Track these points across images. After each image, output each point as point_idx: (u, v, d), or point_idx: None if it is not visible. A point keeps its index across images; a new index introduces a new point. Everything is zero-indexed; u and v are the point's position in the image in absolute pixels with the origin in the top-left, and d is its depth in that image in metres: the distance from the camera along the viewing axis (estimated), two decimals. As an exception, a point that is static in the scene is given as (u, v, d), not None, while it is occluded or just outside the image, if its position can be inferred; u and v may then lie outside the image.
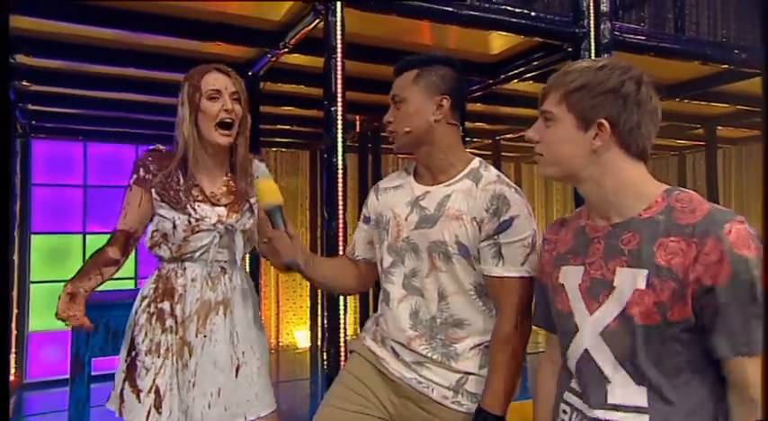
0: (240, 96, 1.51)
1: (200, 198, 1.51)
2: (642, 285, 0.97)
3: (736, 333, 0.92)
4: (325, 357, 2.43)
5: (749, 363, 0.92)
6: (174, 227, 1.48)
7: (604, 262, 1.04)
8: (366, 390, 1.41)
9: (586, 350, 1.04)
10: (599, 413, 1.02)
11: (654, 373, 0.98)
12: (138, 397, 1.46)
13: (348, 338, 2.35)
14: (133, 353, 1.50)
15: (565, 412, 1.09)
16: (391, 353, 1.39)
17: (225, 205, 1.53)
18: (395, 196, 1.45)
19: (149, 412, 1.44)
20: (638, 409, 0.99)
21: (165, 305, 1.50)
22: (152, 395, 1.45)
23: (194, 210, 1.49)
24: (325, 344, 2.42)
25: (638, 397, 0.99)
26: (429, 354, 1.34)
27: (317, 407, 1.46)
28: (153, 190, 1.49)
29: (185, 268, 1.51)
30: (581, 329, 1.05)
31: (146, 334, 1.50)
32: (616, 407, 1.00)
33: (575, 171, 1.06)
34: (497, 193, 1.31)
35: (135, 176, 1.52)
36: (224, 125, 1.48)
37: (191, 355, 1.48)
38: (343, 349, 2.32)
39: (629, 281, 0.99)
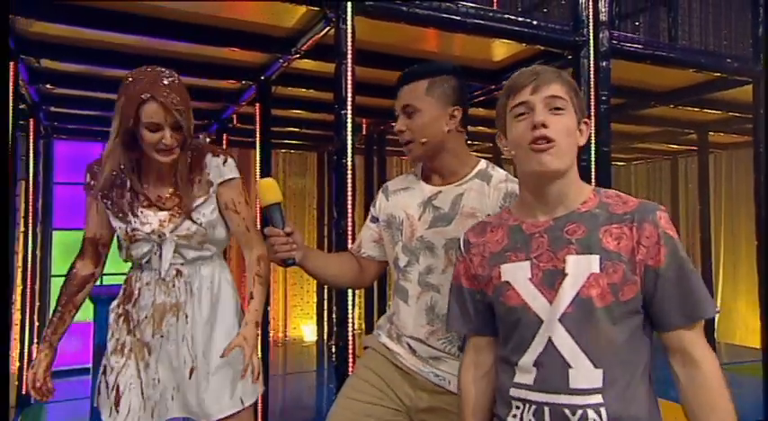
0: (182, 122, 1.38)
1: (145, 203, 1.46)
2: (596, 269, 1.02)
3: (679, 305, 1.01)
4: (333, 350, 2.43)
5: (690, 330, 1.03)
6: (119, 235, 1.48)
7: (552, 253, 1.06)
8: (381, 383, 1.41)
9: (550, 339, 1.03)
10: (561, 398, 1.01)
11: (608, 354, 1.01)
12: (107, 393, 1.47)
13: (355, 333, 2.35)
14: (106, 352, 1.52)
15: (518, 408, 1.06)
16: (407, 350, 1.39)
17: (169, 209, 1.46)
18: (406, 198, 1.45)
19: (111, 409, 1.45)
20: (596, 391, 1.00)
21: (129, 307, 1.50)
22: (113, 393, 1.45)
23: (136, 217, 1.44)
24: (334, 338, 2.41)
25: (596, 378, 1.00)
26: (447, 349, 1.34)
27: (323, 398, 1.45)
28: (100, 196, 1.46)
29: (141, 272, 1.50)
30: (545, 319, 1.04)
31: (113, 334, 1.50)
32: (577, 391, 1.00)
33: (571, 163, 1.09)
34: (510, 191, 1.33)
35: (85, 183, 1.48)
36: (163, 151, 1.39)
37: (150, 354, 1.47)
38: (351, 343, 2.31)
39: (583, 266, 1.02)
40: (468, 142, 1.49)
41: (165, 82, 1.39)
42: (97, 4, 2.52)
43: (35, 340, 4.26)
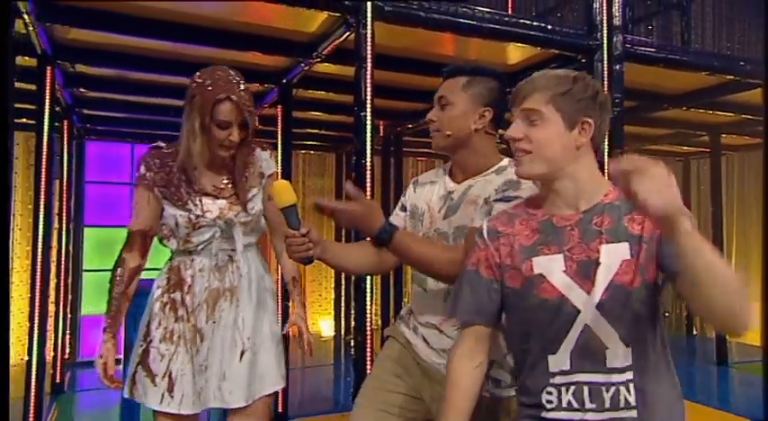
0: (248, 122, 1.46)
1: (201, 193, 1.49)
2: (627, 255, 1.04)
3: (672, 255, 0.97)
4: (351, 344, 2.44)
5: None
6: (177, 224, 1.47)
7: (585, 244, 1.08)
8: (403, 373, 1.43)
9: (587, 325, 1.05)
10: (599, 377, 1.06)
11: (637, 333, 1.05)
12: (152, 381, 1.47)
13: (372, 328, 2.36)
14: (148, 340, 1.51)
15: (550, 393, 1.08)
16: (422, 340, 1.40)
17: (227, 198, 1.50)
18: (430, 191, 1.47)
19: (163, 395, 1.45)
20: (628, 368, 1.05)
21: (177, 295, 1.50)
22: (166, 379, 1.46)
23: (195, 205, 1.47)
24: (353, 332, 2.43)
25: (628, 357, 1.05)
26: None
27: (341, 390, 1.47)
28: (156, 187, 1.48)
29: (193, 259, 1.51)
30: (582, 309, 1.06)
31: (159, 322, 1.50)
32: (613, 370, 1.05)
33: (560, 166, 1.10)
34: (511, 179, 1.31)
35: (137, 175, 1.50)
36: (227, 147, 1.47)
37: (202, 341, 1.48)
38: (369, 337, 2.33)
39: (615, 253, 1.05)
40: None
41: (238, 84, 1.46)
42: (128, 10, 2.57)
43: (68, 331, 4.35)
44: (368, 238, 1.36)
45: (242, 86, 1.46)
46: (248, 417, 1.51)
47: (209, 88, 1.43)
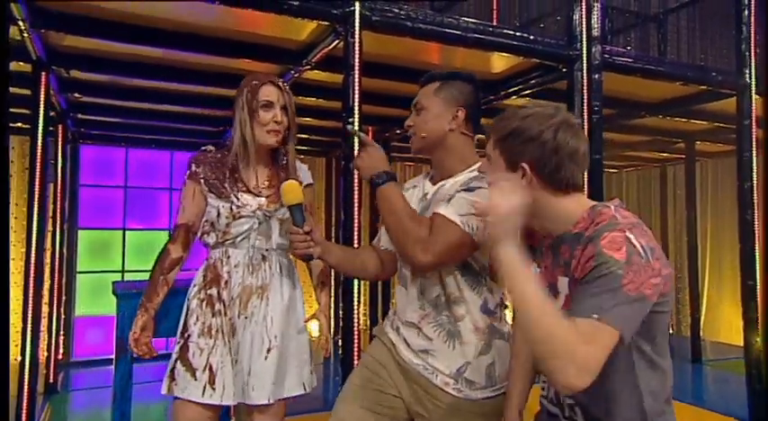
0: (288, 108, 1.55)
1: (243, 189, 1.53)
2: (566, 290, 1.04)
3: (576, 305, 0.94)
4: (340, 344, 2.44)
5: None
6: (219, 214, 1.50)
7: (551, 269, 1.09)
8: (384, 371, 1.42)
9: None
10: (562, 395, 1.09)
11: None
12: (193, 375, 1.47)
13: (360, 328, 2.35)
14: (186, 336, 1.51)
15: (545, 381, 1.15)
16: (402, 341, 1.40)
17: (266, 196, 1.54)
18: (412, 194, 1.48)
19: (204, 388, 1.46)
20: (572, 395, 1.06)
21: (213, 291, 1.51)
22: (206, 372, 1.46)
23: (237, 198, 1.51)
24: (341, 332, 2.42)
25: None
26: (436, 334, 1.34)
27: (330, 388, 1.47)
28: (202, 181, 1.52)
29: (229, 256, 1.52)
30: None
31: (197, 318, 1.51)
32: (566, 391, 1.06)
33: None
34: (476, 176, 1.31)
35: (188, 172, 1.55)
36: (274, 131, 1.53)
37: (234, 335, 1.49)
38: (356, 337, 2.32)
39: (563, 287, 1.05)
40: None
41: (277, 78, 1.58)
42: (122, 18, 2.55)
43: (62, 332, 4.29)
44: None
45: (282, 81, 1.58)
46: (267, 415, 1.52)
47: (254, 79, 1.55)
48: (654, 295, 0.94)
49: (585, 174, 2.25)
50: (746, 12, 3.40)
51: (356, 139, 1.42)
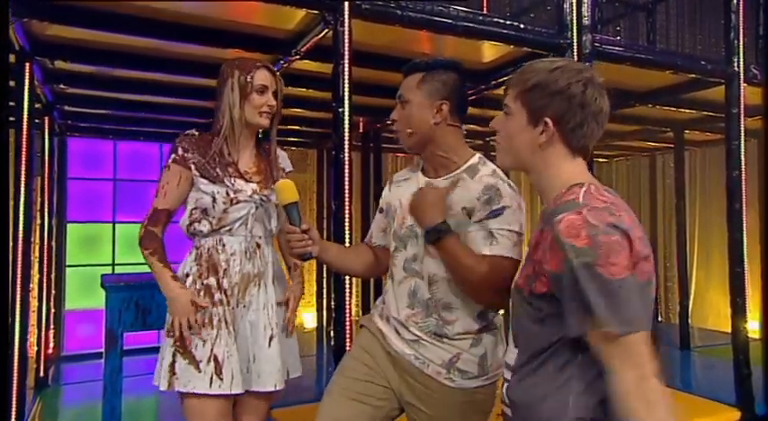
0: (279, 95, 1.56)
1: (235, 174, 1.51)
2: (523, 261, 1.06)
3: (575, 318, 0.89)
4: (332, 335, 2.43)
5: (596, 345, 0.88)
6: (214, 200, 1.47)
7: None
8: (372, 362, 1.41)
9: (512, 314, 1.09)
10: (504, 368, 1.09)
11: (523, 339, 1.02)
12: (197, 367, 1.43)
13: (352, 319, 2.34)
14: (182, 328, 1.48)
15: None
16: (393, 331, 1.39)
17: (257, 182, 1.53)
18: (403, 187, 1.46)
19: (212, 379, 1.42)
20: (510, 367, 1.05)
21: (212, 280, 1.48)
22: (212, 363, 1.43)
23: (232, 183, 1.49)
24: (332, 323, 2.41)
25: (512, 356, 1.04)
26: (423, 333, 1.33)
27: (323, 380, 1.46)
28: (193, 166, 1.49)
29: (224, 244, 1.50)
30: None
31: (196, 309, 1.47)
32: (505, 364, 1.08)
33: (523, 161, 1.07)
34: (490, 185, 1.30)
35: (174, 156, 1.50)
36: (266, 113, 1.53)
37: (233, 324, 1.48)
38: (348, 328, 2.31)
39: (524, 257, 1.06)
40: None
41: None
42: (107, 7, 2.50)
43: (52, 326, 4.25)
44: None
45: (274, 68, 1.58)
46: (268, 401, 1.54)
47: (247, 61, 1.54)
48: (643, 273, 0.88)
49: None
50: (735, 0, 3.40)
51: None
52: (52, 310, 4.29)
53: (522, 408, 0.99)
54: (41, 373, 3.90)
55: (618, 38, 3.82)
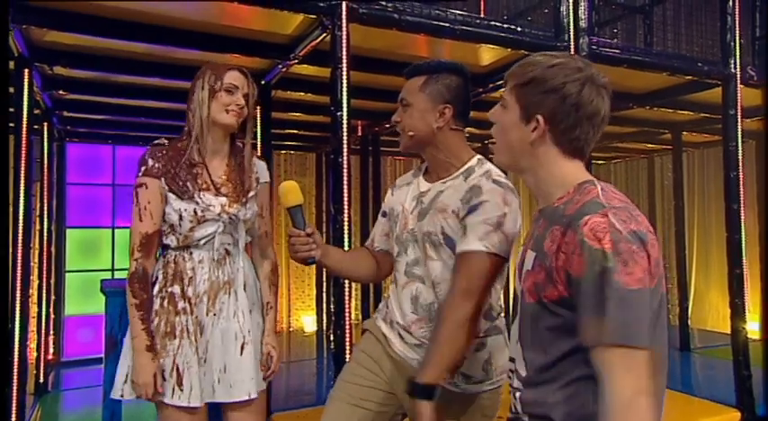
0: (249, 98, 1.52)
1: (204, 186, 1.46)
2: (529, 267, 0.97)
3: (587, 324, 0.86)
4: (332, 339, 2.42)
5: (597, 355, 0.86)
6: (181, 218, 1.43)
7: (528, 244, 1.03)
8: (376, 367, 1.41)
9: (520, 320, 1.04)
10: (512, 375, 1.04)
11: (533, 347, 0.97)
12: (163, 376, 1.41)
13: (351, 322, 2.34)
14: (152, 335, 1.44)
15: (510, 375, 1.10)
16: (397, 335, 1.39)
17: (226, 195, 1.48)
18: (405, 192, 1.45)
19: (173, 389, 1.40)
20: (520, 376, 1.00)
21: (176, 288, 1.44)
22: (174, 374, 1.41)
23: (200, 199, 1.44)
24: (332, 327, 2.41)
25: (522, 365, 0.99)
26: (427, 339, 1.32)
27: (323, 384, 1.46)
28: (162, 178, 1.44)
29: (191, 253, 1.47)
30: (519, 302, 1.04)
31: (160, 317, 1.44)
32: (515, 373, 1.02)
33: (517, 159, 1.02)
34: (474, 185, 1.28)
35: (144, 168, 1.45)
36: (234, 111, 1.49)
37: (202, 333, 1.44)
38: (347, 332, 2.31)
39: (528, 262, 0.98)
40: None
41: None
42: (106, 13, 2.50)
43: (51, 331, 4.24)
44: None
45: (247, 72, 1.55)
46: (250, 411, 1.49)
47: (221, 64, 1.53)
48: (657, 283, 0.86)
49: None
50: (731, 2, 3.41)
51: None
52: (52, 316, 4.28)
53: (539, 419, 0.95)
54: (41, 379, 3.89)
55: (615, 40, 3.83)
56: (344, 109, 2.32)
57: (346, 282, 2.31)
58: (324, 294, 5.83)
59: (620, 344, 0.84)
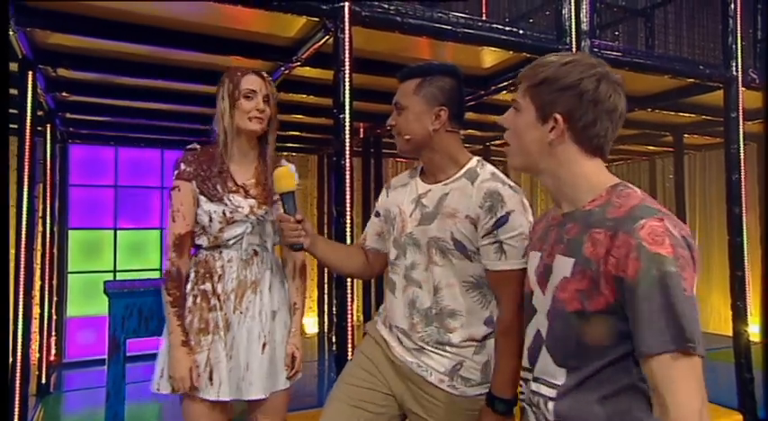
0: (270, 99, 1.55)
1: (233, 189, 1.51)
2: (568, 273, 0.93)
3: (646, 333, 0.83)
4: (333, 340, 2.43)
5: (657, 364, 0.82)
6: (211, 219, 1.48)
7: (552, 248, 1.00)
8: (375, 369, 1.41)
9: (538, 329, 1.01)
10: (533, 384, 1.01)
11: (570, 356, 0.93)
12: (194, 371, 1.46)
13: (353, 324, 2.34)
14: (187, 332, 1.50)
15: (521, 384, 1.08)
16: (396, 339, 1.39)
17: (254, 197, 1.53)
18: (402, 194, 1.44)
19: (206, 384, 1.45)
20: (552, 385, 0.96)
21: (207, 286, 1.49)
22: (207, 368, 1.45)
23: (229, 200, 1.49)
24: (334, 329, 2.41)
25: (554, 374, 0.96)
26: (425, 342, 1.32)
27: (324, 385, 1.46)
28: (194, 181, 1.50)
29: (221, 252, 1.51)
30: (537, 310, 1.01)
31: (193, 314, 1.49)
32: (540, 380, 0.99)
33: (534, 161, 1.01)
34: (491, 190, 1.26)
35: (177, 172, 1.51)
36: (257, 118, 1.52)
37: (228, 330, 1.48)
38: (349, 334, 2.31)
39: (561, 268, 0.95)
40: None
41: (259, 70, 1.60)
42: (109, 15, 2.51)
43: (53, 333, 4.25)
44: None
45: (265, 73, 1.58)
46: (267, 411, 1.53)
47: (236, 70, 1.55)
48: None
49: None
50: (732, 5, 3.41)
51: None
52: (54, 317, 4.29)
53: None
54: (43, 380, 3.90)
55: (616, 43, 3.84)
56: (347, 111, 2.33)
57: (348, 284, 2.31)
58: (325, 296, 5.84)
59: (684, 352, 0.81)
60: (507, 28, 2.84)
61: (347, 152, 2.33)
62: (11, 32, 2.42)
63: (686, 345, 0.81)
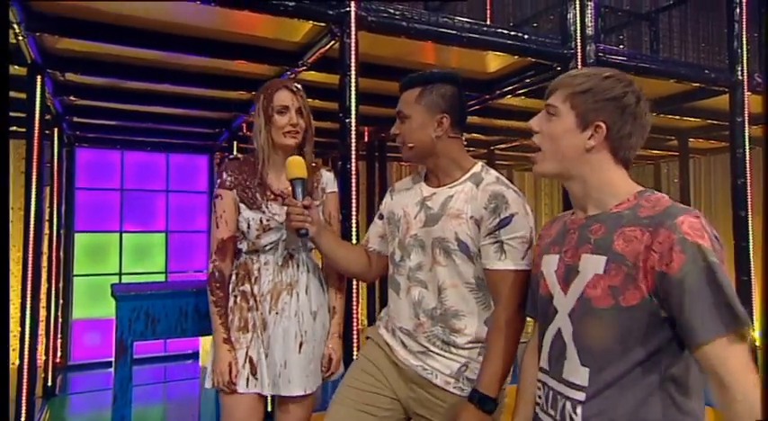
0: (303, 110, 1.58)
1: (271, 197, 1.56)
2: (600, 271, 0.95)
3: (698, 321, 0.86)
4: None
5: (712, 349, 0.86)
6: (249, 226, 1.54)
7: (575, 249, 1.02)
8: (379, 373, 1.41)
9: (559, 329, 1.02)
10: (555, 384, 1.01)
11: (600, 356, 0.95)
12: (227, 367, 1.52)
13: (358, 328, 2.35)
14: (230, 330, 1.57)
15: (539, 388, 1.08)
16: (399, 343, 1.39)
17: None
18: (406, 197, 1.45)
19: (248, 379, 1.52)
20: (579, 387, 0.96)
21: (246, 287, 1.56)
22: (248, 365, 1.52)
23: (267, 208, 1.54)
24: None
25: (581, 376, 0.96)
26: (431, 343, 1.33)
27: (328, 388, 1.48)
28: (235, 190, 1.56)
29: (259, 256, 1.57)
30: (558, 311, 1.03)
31: (234, 313, 1.56)
32: (566, 382, 0.99)
33: (568, 166, 1.04)
34: (495, 193, 1.28)
35: (220, 181, 1.58)
36: (290, 133, 1.56)
37: (265, 329, 1.54)
38: (354, 337, 2.32)
39: (591, 266, 0.97)
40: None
41: (293, 82, 1.62)
42: (116, 20, 2.54)
43: (59, 335, 4.27)
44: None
45: (297, 85, 1.61)
46: (299, 407, 1.57)
47: (271, 85, 1.59)
48: None
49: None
50: (738, 9, 3.42)
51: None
52: (60, 320, 4.31)
53: None
54: (49, 382, 3.91)
55: (621, 47, 3.84)
56: (353, 115, 2.34)
57: (353, 287, 2.32)
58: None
59: (737, 332, 0.87)
60: (512, 32, 2.85)
61: (353, 156, 2.34)
62: (20, 38, 2.45)
63: (740, 327, 0.87)
